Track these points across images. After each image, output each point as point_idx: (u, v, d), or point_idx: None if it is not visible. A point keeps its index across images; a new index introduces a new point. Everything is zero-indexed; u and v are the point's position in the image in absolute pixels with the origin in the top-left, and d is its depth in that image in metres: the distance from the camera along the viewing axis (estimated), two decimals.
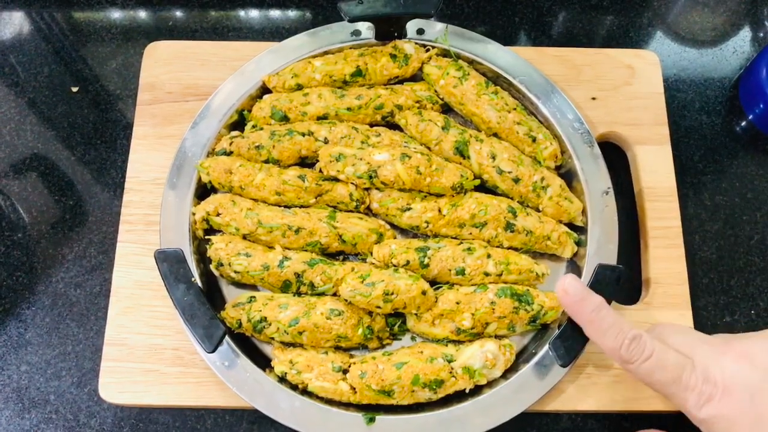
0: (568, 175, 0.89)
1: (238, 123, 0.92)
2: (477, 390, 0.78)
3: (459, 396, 0.78)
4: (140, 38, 1.05)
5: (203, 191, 0.88)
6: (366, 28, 0.94)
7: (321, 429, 0.75)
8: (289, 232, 0.82)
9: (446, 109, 0.95)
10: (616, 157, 0.95)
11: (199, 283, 0.79)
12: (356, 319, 0.79)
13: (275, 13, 1.08)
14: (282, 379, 0.78)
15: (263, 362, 0.80)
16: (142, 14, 1.08)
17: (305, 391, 0.78)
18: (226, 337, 0.76)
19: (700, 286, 0.90)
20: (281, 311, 0.78)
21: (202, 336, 0.74)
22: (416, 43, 0.93)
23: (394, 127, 0.92)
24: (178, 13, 1.08)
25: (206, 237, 0.85)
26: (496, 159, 0.86)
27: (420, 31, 0.94)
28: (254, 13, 1.09)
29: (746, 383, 0.62)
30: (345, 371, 0.77)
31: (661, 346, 0.65)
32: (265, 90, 0.93)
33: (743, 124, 1.01)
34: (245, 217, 0.83)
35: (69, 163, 0.96)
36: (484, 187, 0.88)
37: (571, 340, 0.75)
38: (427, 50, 0.93)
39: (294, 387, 0.78)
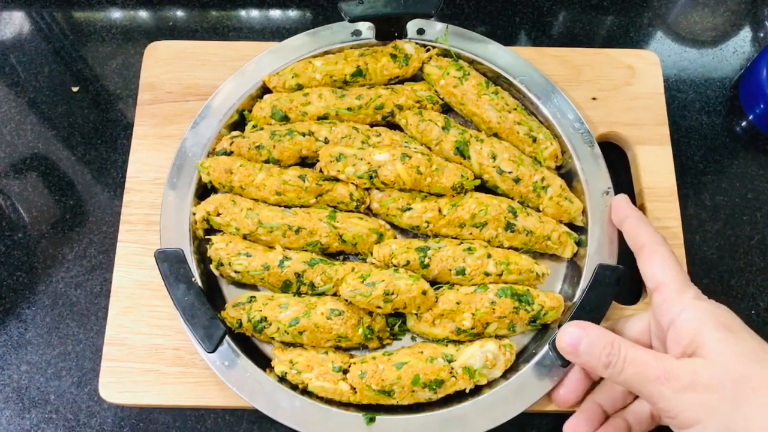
0: (568, 175, 0.89)
1: (239, 123, 0.92)
2: (477, 390, 0.78)
3: (459, 396, 0.78)
4: (140, 38, 1.05)
5: (203, 191, 0.88)
6: (366, 28, 0.94)
7: (321, 429, 0.75)
8: (289, 232, 0.82)
9: (446, 109, 0.95)
10: (616, 157, 0.94)
11: (200, 283, 0.80)
12: (356, 319, 0.79)
13: (275, 13, 1.08)
14: (282, 379, 0.78)
15: (263, 362, 0.80)
16: (143, 14, 1.08)
17: (305, 391, 0.78)
18: (226, 337, 0.76)
19: (700, 286, 0.89)
20: (281, 311, 0.78)
21: (203, 336, 0.74)
22: (416, 43, 0.93)
23: (395, 127, 0.92)
24: (179, 13, 1.08)
25: (206, 237, 0.85)
26: (497, 159, 0.86)
27: (420, 31, 0.94)
28: (255, 13, 1.09)
29: None
30: (345, 371, 0.77)
31: None
32: (265, 90, 0.93)
33: (743, 124, 1.01)
34: (245, 217, 0.83)
35: (69, 163, 0.96)
36: (484, 187, 0.88)
37: None
38: (428, 50, 0.93)
39: (294, 387, 0.78)
